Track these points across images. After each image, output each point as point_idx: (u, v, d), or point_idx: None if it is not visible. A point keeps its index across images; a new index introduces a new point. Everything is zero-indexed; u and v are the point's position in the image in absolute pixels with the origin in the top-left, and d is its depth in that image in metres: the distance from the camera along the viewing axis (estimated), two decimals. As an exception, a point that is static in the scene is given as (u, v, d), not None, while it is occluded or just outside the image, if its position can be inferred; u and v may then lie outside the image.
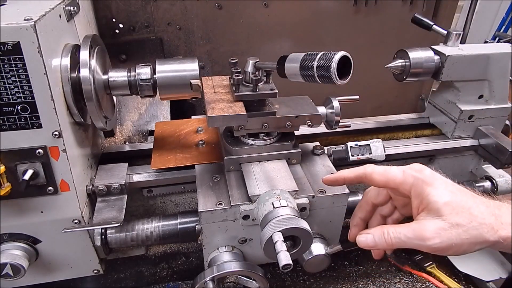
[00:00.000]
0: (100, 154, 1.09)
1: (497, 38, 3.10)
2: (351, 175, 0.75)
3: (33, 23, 0.67)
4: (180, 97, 0.90)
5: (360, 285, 1.31)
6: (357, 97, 1.00)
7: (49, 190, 0.81)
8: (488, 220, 0.61)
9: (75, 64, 0.82)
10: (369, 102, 1.58)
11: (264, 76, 0.91)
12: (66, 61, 0.80)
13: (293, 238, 0.78)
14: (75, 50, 0.83)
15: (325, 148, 1.07)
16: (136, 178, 1.02)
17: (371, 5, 1.46)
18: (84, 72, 0.81)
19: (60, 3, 0.82)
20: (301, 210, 0.87)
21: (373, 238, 0.67)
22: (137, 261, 1.24)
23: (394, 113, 1.38)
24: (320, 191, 0.89)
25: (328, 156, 1.06)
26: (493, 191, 1.22)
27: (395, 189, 0.71)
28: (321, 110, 0.98)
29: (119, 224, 0.87)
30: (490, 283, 1.30)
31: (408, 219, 0.71)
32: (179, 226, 0.95)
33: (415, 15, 1.25)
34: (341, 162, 1.08)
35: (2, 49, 0.67)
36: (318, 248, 0.92)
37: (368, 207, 0.80)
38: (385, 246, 0.66)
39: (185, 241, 1.25)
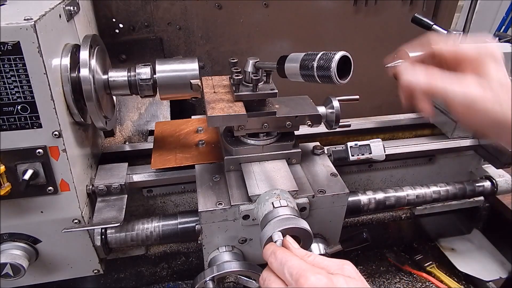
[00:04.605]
0: (100, 154, 1.09)
1: (497, 38, 3.10)
2: (420, 56, 0.70)
3: (33, 23, 0.67)
4: (180, 97, 0.90)
5: (360, 285, 1.30)
6: (357, 97, 1.00)
7: (49, 190, 0.81)
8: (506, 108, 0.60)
9: (75, 64, 0.81)
10: (369, 102, 1.58)
11: (264, 76, 0.91)
12: (66, 61, 0.80)
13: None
14: (75, 50, 0.83)
15: (325, 148, 1.07)
16: (136, 178, 1.02)
17: (371, 5, 1.46)
18: (84, 72, 0.80)
19: (60, 3, 0.82)
20: (301, 210, 0.87)
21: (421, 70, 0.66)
22: (137, 261, 1.24)
23: (394, 113, 1.37)
24: (320, 191, 0.89)
25: (328, 156, 1.06)
26: (493, 191, 1.22)
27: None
28: (321, 110, 0.98)
29: (119, 224, 0.87)
30: (490, 283, 1.30)
31: None
32: (179, 226, 0.95)
33: (415, 15, 1.24)
34: (341, 162, 1.08)
35: (2, 49, 0.67)
36: (318, 248, 0.92)
37: (428, 54, 0.71)
38: (424, 83, 0.66)
39: (185, 241, 1.25)
